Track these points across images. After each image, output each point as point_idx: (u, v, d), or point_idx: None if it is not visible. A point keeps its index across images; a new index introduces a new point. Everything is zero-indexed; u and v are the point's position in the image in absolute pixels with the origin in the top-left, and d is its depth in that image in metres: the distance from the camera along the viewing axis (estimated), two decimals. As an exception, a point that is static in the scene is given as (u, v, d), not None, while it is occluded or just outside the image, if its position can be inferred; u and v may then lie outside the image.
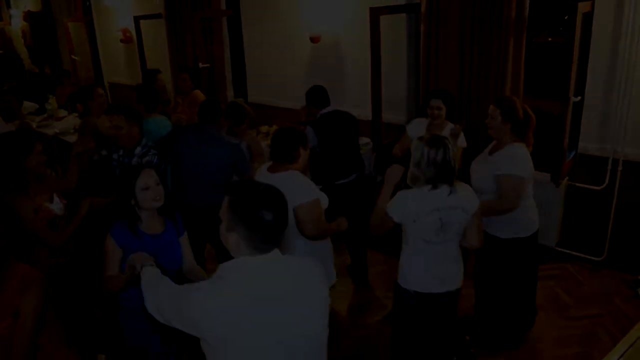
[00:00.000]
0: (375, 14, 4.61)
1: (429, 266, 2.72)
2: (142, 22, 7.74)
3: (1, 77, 10.41)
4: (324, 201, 2.99)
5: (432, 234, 2.63)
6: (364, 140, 5.52)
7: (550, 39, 4.97)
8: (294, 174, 2.90)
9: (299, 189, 2.83)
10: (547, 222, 4.30)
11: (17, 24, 11.95)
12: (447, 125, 4.05)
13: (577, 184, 4.45)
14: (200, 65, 6.49)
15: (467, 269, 3.90)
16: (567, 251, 4.62)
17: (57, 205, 3.13)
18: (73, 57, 9.72)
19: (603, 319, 3.83)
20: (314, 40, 5.89)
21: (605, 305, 3.99)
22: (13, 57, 12.30)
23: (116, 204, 2.69)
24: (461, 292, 2.92)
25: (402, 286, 2.82)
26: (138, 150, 3.72)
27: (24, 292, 2.04)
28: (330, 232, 3.06)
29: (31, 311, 2.05)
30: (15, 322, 2.02)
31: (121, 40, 8.91)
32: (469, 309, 3.73)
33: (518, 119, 3.19)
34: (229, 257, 1.75)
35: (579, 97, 4.25)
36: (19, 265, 2.12)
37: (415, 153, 2.60)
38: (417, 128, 4.21)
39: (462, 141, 4.02)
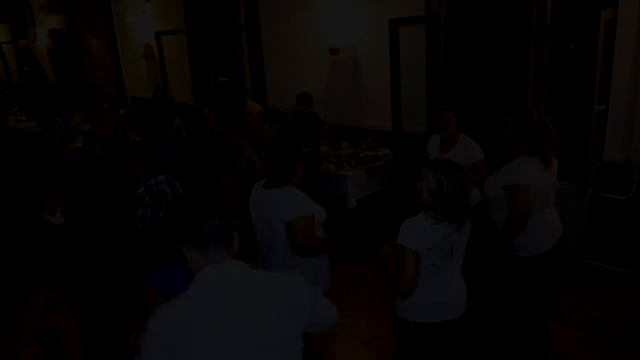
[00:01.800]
0: (395, 25, 4.62)
1: (438, 293, 2.57)
2: (163, 37, 7.86)
3: (27, 94, 10.63)
4: (321, 215, 2.94)
5: (441, 259, 2.52)
6: (384, 151, 5.52)
7: (571, 47, 4.91)
8: (287, 190, 2.86)
9: (291, 204, 2.80)
10: (573, 233, 4.23)
11: (42, 41, 12.23)
12: (461, 137, 4.03)
13: (603, 194, 4.37)
14: (221, 79, 6.56)
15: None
16: (594, 262, 4.53)
17: (57, 219, 3.21)
18: (96, 73, 9.90)
19: (630, 331, 3.74)
20: (333, 52, 5.92)
21: (632, 317, 3.89)
22: (38, 73, 12.57)
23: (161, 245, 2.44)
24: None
25: (402, 318, 2.65)
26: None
27: (49, 313, 2.07)
28: (322, 249, 2.98)
29: (70, 329, 2.10)
30: (43, 346, 2.04)
31: (143, 56, 9.06)
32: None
33: (532, 132, 3.03)
34: None
35: (603, 106, 4.18)
36: (42, 291, 2.14)
37: (430, 181, 2.43)
38: (433, 144, 4.21)
39: (478, 153, 3.99)
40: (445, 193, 2.38)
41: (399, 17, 4.73)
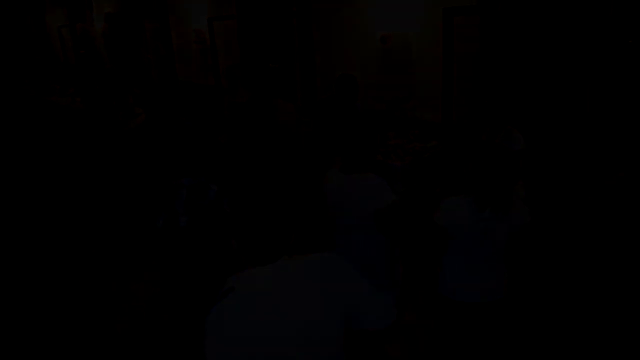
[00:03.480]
0: (449, 14, 4.54)
1: (469, 275, 2.65)
2: (215, 23, 7.96)
3: (84, 76, 10.94)
4: None
5: (474, 243, 2.56)
6: (432, 143, 5.46)
7: (630, 41, 4.71)
8: (374, 176, 2.85)
9: (384, 190, 2.82)
10: None
11: (98, 25, 12.55)
12: (509, 129, 3.92)
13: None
14: (270, 65, 6.60)
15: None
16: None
17: None
18: (149, 57, 10.12)
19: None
20: (385, 40, 5.87)
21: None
22: (96, 56, 12.93)
23: None
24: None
25: (442, 294, 2.78)
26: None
27: None
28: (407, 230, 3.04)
29: None
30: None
31: (195, 41, 9.19)
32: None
33: None
34: None
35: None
36: None
37: (472, 164, 2.53)
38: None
39: (517, 142, 3.84)
40: (484, 176, 2.43)
41: (453, 6, 4.65)
